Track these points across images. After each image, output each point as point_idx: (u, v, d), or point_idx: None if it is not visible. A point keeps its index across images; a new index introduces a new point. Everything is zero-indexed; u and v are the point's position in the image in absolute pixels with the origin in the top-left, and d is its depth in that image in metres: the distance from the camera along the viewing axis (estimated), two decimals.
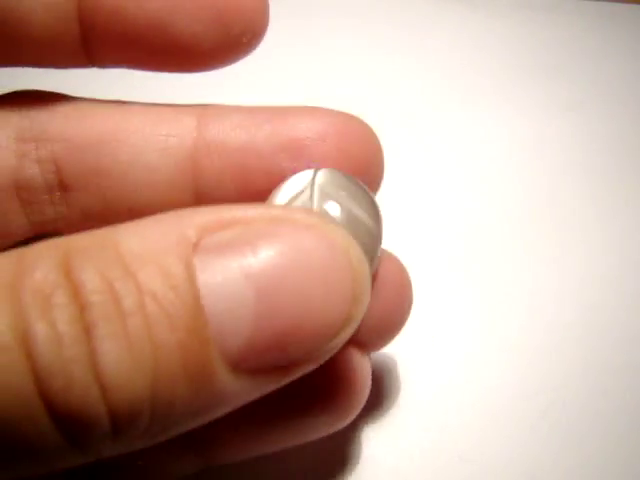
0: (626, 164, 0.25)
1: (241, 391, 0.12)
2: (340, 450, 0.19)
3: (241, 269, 0.12)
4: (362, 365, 0.17)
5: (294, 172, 0.16)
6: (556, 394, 0.20)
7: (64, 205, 0.17)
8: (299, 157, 0.17)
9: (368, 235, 0.15)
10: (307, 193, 0.15)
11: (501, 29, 0.30)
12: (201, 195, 0.17)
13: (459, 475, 0.18)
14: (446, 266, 0.23)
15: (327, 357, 0.13)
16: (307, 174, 0.16)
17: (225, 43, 0.17)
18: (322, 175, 0.16)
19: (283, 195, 0.16)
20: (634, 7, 0.31)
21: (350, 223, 0.15)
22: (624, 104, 0.27)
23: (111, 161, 0.17)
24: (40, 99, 0.17)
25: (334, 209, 0.15)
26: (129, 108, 0.17)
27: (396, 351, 0.21)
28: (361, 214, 0.15)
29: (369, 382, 0.17)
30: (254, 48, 0.17)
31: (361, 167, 0.17)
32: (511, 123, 0.26)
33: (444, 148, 0.26)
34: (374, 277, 0.16)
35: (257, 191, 0.17)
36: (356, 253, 0.13)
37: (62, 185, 0.17)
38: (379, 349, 0.18)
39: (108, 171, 0.17)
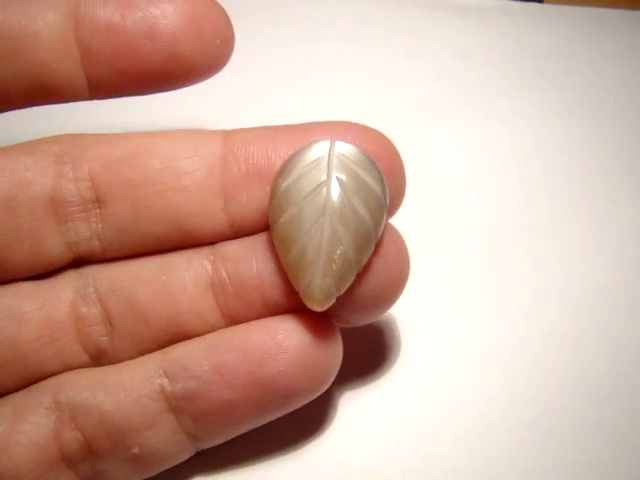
0: (621, 168, 0.25)
1: None
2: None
3: None
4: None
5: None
6: (545, 404, 0.20)
7: (99, 222, 0.18)
8: None
9: (377, 201, 0.17)
10: (325, 161, 0.17)
11: (493, 36, 0.30)
12: (229, 199, 0.18)
13: None
14: (440, 273, 0.23)
15: None
16: (325, 144, 0.17)
17: (202, 46, 0.18)
18: (339, 146, 0.17)
19: (302, 160, 0.17)
20: (626, 13, 0.31)
21: (361, 189, 0.17)
22: (617, 109, 0.27)
23: (144, 170, 0.18)
24: (74, 136, 0.19)
25: (349, 175, 0.17)
26: (158, 132, 0.19)
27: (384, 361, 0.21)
28: (371, 182, 0.17)
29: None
30: (229, 54, 0.19)
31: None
32: (503, 129, 0.26)
33: (435, 154, 0.26)
34: (379, 240, 0.17)
35: None
36: None
37: (98, 200, 0.18)
38: (380, 315, 0.19)
39: (141, 179, 0.18)
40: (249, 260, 0.18)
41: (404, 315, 0.21)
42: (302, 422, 0.19)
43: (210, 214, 0.18)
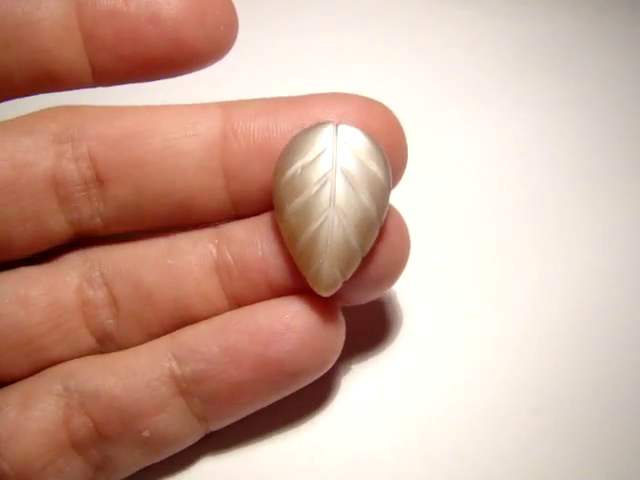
0: (623, 157, 0.25)
1: None
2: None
3: None
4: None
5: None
6: (550, 391, 0.20)
7: (101, 201, 0.18)
8: None
9: (381, 188, 0.17)
10: (329, 150, 0.17)
11: (496, 24, 0.30)
12: (229, 177, 0.18)
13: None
14: (444, 258, 0.23)
15: None
16: (328, 130, 0.17)
17: (205, 32, 0.18)
18: (342, 131, 0.17)
19: (306, 146, 0.17)
20: (628, 2, 0.31)
21: (366, 178, 0.17)
22: (619, 98, 0.27)
23: (144, 150, 0.18)
24: (74, 109, 0.19)
25: (353, 164, 0.17)
26: (156, 107, 0.19)
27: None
28: (376, 170, 0.17)
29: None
30: (233, 40, 0.18)
31: (384, 147, 0.18)
32: (505, 118, 0.27)
33: (438, 142, 0.26)
34: (384, 223, 0.17)
35: None
36: None
37: (99, 180, 0.18)
38: (381, 293, 0.19)
39: (142, 159, 0.18)
40: (254, 243, 0.18)
41: (410, 302, 0.22)
42: (306, 401, 0.20)
43: (211, 193, 0.18)
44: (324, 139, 0.17)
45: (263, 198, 0.18)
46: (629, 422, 0.19)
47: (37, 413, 0.17)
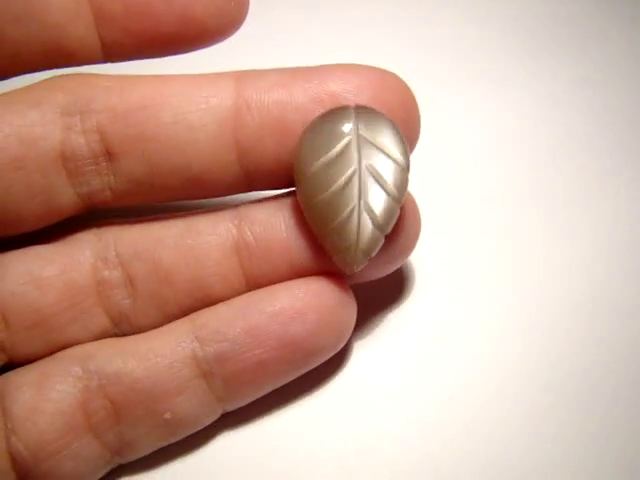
0: (633, 139, 0.26)
1: None
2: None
3: None
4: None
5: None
6: (560, 368, 0.20)
7: (111, 174, 0.18)
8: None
9: (402, 175, 0.17)
10: (353, 147, 0.17)
11: (504, 6, 0.30)
12: (242, 151, 0.18)
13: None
14: (454, 239, 0.23)
15: None
16: (349, 117, 0.17)
17: (216, 7, 0.18)
18: (362, 118, 0.17)
19: (327, 139, 0.17)
20: None
21: (389, 167, 0.17)
22: (630, 79, 0.27)
23: (155, 124, 0.18)
24: (81, 78, 0.18)
25: (377, 159, 0.17)
26: (167, 77, 0.18)
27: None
28: (397, 157, 0.17)
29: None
30: (244, 16, 0.18)
31: (398, 119, 0.18)
32: (520, 96, 0.26)
33: (452, 119, 0.26)
34: (402, 206, 0.18)
35: (295, 143, 0.18)
36: None
37: (108, 153, 0.18)
38: (396, 267, 0.20)
39: (152, 134, 0.18)
40: (278, 225, 0.18)
41: (422, 282, 0.22)
42: (320, 384, 0.20)
43: (224, 166, 0.18)
44: (345, 130, 0.17)
45: (277, 172, 0.18)
46: (638, 400, 0.20)
47: (54, 394, 0.17)
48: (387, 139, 0.17)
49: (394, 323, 0.21)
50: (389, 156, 0.17)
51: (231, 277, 0.18)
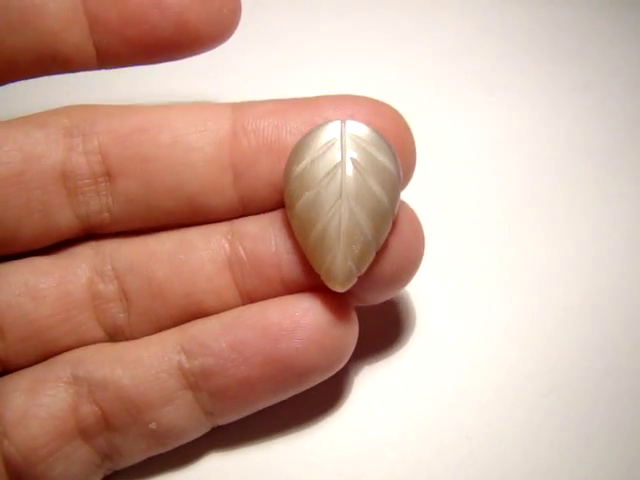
0: (632, 144, 0.25)
1: None
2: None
3: None
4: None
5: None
6: (560, 375, 0.20)
7: (109, 195, 0.18)
8: None
9: (391, 179, 0.17)
10: (338, 142, 0.17)
11: (510, 9, 0.30)
12: (238, 174, 0.18)
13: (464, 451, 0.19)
14: (455, 247, 0.23)
15: None
16: (336, 124, 0.17)
17: (209, 15, 0.18)
18: (350, 126, 0.17)
19: (315, 142, 0.17)
20: None
21: (376, 168, 0.17)
22: (630, 86, 0.27)
23: (154, 145, 0.18)
24: (87, 107, 0.19)
25: (362, 154, 0.17)
26: (168, 105, 0.19)
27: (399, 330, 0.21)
28: (385, 161, 0.17)
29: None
30: (236, 22, 0.19)
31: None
32: (519, 103, 0.26)
33: (452, 128, 0.26)
34: (395, 218, 0.17)
35: None
36: None
37: (108, 174, 0.18)
38: (396, 292, 0.19)
39: (151, 154, 0.18)
40: (268, 239, 0.18)
41: (420, 288, 0.21)
42: (318, 396, 0.20)
43: (220, 189, 0.18)
44: (332, 133, 0.17)
45: (272, 196, 0.18)
46: (638, 405, 0.19)
47: (46, 399, 0.17)
48: (374, 143, 0.17)
49: (392, 331, 0.21)
50: (376, 157, 0.17)
51: (224, 292, 0.18)
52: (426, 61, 0.28)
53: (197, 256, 0.18)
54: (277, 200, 0.18)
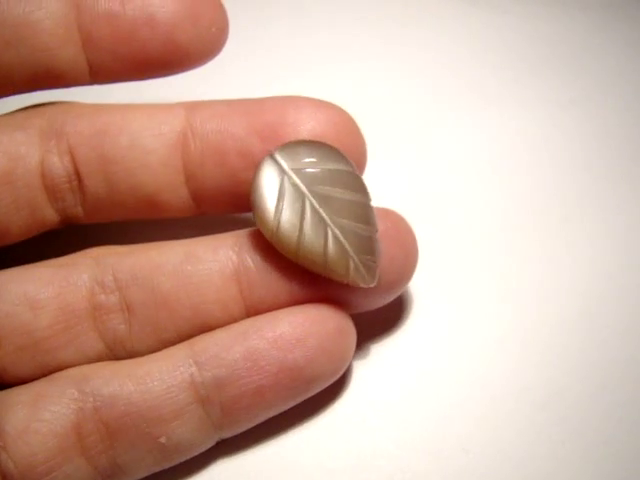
0: (628, 157, 0.26)
1: None
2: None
3: None
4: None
5: (265, 153, 0.18)
6: (556, 387, 0.20)
7: (80, 193, 0.19)
8: (271, 139, 0.19)
9: (349, 176, 0.18)
10: (286, 183, 0.18)
11: (502, 23, 0.30)
12: (188, 175, 0.19)
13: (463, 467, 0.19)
14: (452, 257, 0.23)
15: None
16: (269, 165, 0.18)
17: (198, 34, 0.19)
18: (282, 156, 0.18)
19: (268, 196, 0.18)
20: (636, 1, 0.31)
21: (334, 178, 0.18)
22: (627, 98, 0.27)
23: (114, 147, 0.19)
24: (59, 105, 0.20)
25: (314, 178, 0.18)
26: (130, 105, 0.20)
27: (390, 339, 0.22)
28: (335, 166, 0.18)
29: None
30: (224, 41, 0.20)
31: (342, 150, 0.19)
32: (512, 116, 0.27)
33: (444, 140, 0.26)
34: (387, 230, 0.19)
35: (233, 170, 0.19)
36: None
37: (77, 173, 0.19)
38: (390, 299, 0.20)
39: (112, 156, 0.19)
40: (276, 251, 0.18)
41: (415, 299, 0.22)
42: (311, 407, 0.20)
43: (174, 189, 0.19)
44: (272, 176, 0.18)
45: (221, 198, 0.19)
46: (634, 418, 0.20)
47: (48, 415, 0.17)
48: (310, 160, 0.18)
49: (389, 342, 0.21)
50: (322, 168, 0.18)
51: (230, 304, 0.18)
52: (421, 72, 0.28)
53: (205, 267, 0.18)
54: (228, 203, 0.19)
